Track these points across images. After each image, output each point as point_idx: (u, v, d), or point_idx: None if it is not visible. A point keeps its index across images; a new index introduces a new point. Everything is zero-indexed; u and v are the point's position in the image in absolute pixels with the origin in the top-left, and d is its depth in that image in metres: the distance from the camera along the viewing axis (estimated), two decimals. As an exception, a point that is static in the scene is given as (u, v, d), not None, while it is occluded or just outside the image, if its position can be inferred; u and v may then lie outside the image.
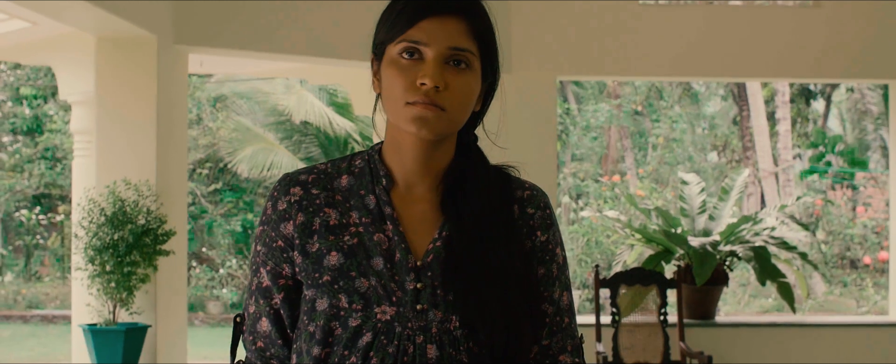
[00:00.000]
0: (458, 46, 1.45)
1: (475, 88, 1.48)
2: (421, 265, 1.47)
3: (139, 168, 5.17)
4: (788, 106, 14.28)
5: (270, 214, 1.53)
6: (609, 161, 16.01)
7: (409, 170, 1.51)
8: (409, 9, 1.46)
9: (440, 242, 1.49)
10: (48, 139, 13.60)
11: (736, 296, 12.54)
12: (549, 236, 1.56)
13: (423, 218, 1.51)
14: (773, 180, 13.78)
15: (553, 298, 1.55)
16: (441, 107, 1.43)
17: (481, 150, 1.57)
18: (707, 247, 6.18)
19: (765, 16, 6.59)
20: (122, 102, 5.25)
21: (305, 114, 11.97)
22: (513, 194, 1.55)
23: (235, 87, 12.84)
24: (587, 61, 6.58)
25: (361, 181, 1.52)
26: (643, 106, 15.84)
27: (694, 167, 15.47)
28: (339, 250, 1.48)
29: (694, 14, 6.60)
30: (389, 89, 1.45)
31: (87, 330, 5.00)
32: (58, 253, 14.50)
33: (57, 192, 14.10)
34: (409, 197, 1.52)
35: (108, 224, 4.95)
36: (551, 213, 1.58)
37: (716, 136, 16.77)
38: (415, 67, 1.44)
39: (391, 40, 1.46)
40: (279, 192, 1.53)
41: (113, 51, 5.27)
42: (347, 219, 1.50)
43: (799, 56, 6.58)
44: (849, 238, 12.76)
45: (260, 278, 1.55)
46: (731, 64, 6.69)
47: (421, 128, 1.43)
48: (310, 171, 1.54)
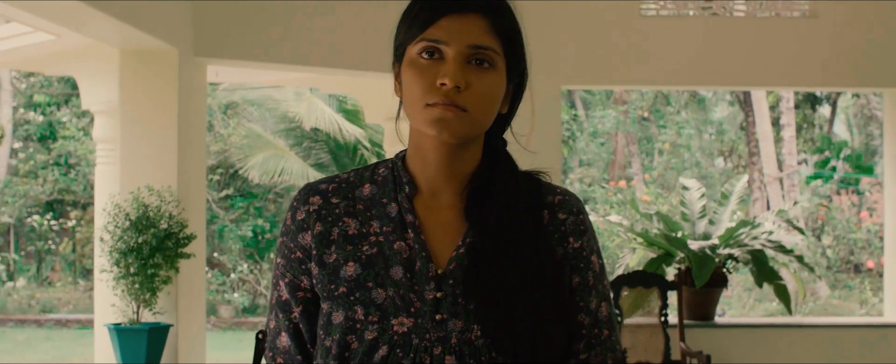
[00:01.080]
0: (479, 44, 1.41)
1: (499, 89, 1.44)
2: (442, 274, 1.43)
3: (161, 174, 5.48)
4: (793, 112, 14.55)
5: (289, 225, 1.51)
6: (616, 166, 16.29)
7: (433, 176, 1.47)
8: (428, 7, 1.42)
9: (463, 250, 1.44)
10: (62, 146, 13.93)
11: (741, 300, 12.81)
12: (584, 243, 1.50)
13: (446, 225, 1.46)
14: (778, 185, 14.04)
15: (589, 309, 1.48)
16: (462, 107, 1.39)
17: (510, 155, 1.52)
18: (706, 250, 6.46)
19: (766, 26, 6.88)
20: (144, 112, 5.56)
21: (315, 121, 12.28)
22: (542, 200, 1.50)
23: (246, 94, 13.17)
24: (591, 70, 6.87)
25: (384, 189, 1.49)
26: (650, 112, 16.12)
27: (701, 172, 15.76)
28: (356, 260, 1.44)
29: (697, 24, 6.88)
30: (409, 91, 1.42)
31: (112, 329, 5.31)
32: (69, 258, 14.82)
33: (70, 198, 14.43)
34: (434, 204, 1.48)
35: (132, 228, 5.26)
36: (585, 219, 1.52)
37: (722, 141, 17.03)
38: (435, 67, 1.40)
39: (410, 40, 1.43)
40: (299, 202, 1.50)
41: (136, 63, 5.58)
42: (368, 228, 1.46)
43: (798, 65, 6.86)
44: (853, 243, 13.02)
45: (279, 291, 1.52)
46: (733, 73, 6.97)
47: (441, 130, 1.39)
48: (331, 181, 1.52)
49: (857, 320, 8.16)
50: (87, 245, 15.13)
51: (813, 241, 13.23)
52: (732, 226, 6.72)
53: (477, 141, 1.47)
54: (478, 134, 1.45)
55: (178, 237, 5.35)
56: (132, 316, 5.34)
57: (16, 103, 15.13)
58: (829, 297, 12.91)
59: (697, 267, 6.38)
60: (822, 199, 13.79)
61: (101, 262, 5.43)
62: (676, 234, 6.77)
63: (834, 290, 12.97)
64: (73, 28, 5.26)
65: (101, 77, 6.18)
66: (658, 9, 6.92)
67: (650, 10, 6.90)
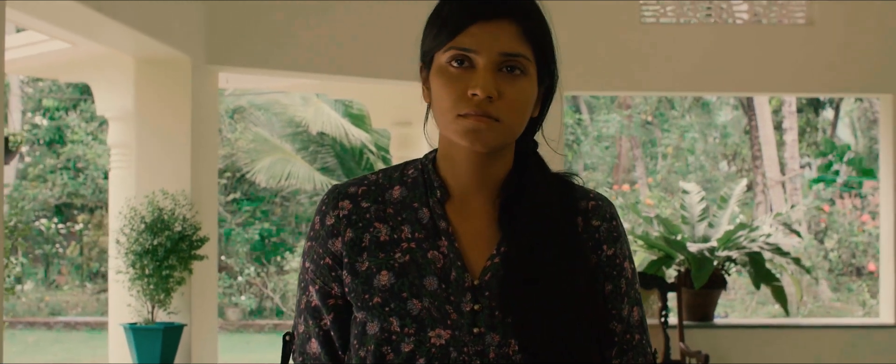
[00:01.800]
0: (510, 52, 1.39)
1: (531, 95, 1.42)
2: (478, 284, 1.41)
3: (175, 179, 5.70)
4: (795, 116, 14.75)
5: (318, 230, 1.48)
6: (620, 170, 16.49)
7: (464, 182, 1.45)
8: (457, 14, 1.40)
9: (498, 259, 1.42)
10: (71, 150, 14.17)
11: (744, 302, 13.01)
12: (617, 249, 1.49)
13: (479, 233, 1.44)
14: (781, 189, 14.24)
15: (622, 316, 1.49)
16: (495, 118, 1.37)
17: (541, 159, 1.50)
18: (704, 252, 6.67)
19: (764, 33, 7.08)
20: (159, 118, 5.78)
21: (322, 125, 12.51)
22: (576, 205, 1.48)
23: (253, 99, 13.40)
24: (593, 76, 7.08)
25: (415, 192, 1.47)
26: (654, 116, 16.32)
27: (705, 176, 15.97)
28: (389, 269, 1.42)
29: (696, 31, 7.08)
30: (439, 100, 1.40)
31: (128, 329, 5.53)
32: (76, 262, 15.06)
33: (78, 202, 14.66)
34: (465, 211, 1.46)
35: (147, 231, 5.48)
36: (618, 225, 1.51)
37: (726, 145, 17.23)
38: (465, 76, 1.38)
39: (439, 48, 1.41)
40: (327, 205, 1.48)
41: (151, 71, 5.80)
42: (399, 234, 1.44)
43: (795, 71, 7.06)
44: (855, 246, 13.21)
45: (309, 297, 1.50)
46: (731, 79, 7.17)
47: (474, 141, 1.38)
48: (360, 183, 1.50)
49: (853, 321, 8.37)
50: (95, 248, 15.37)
51: (815, 245, 13.43)
52: (731, 229, 6.93)
53: (508, 146, 1.46)
54: (511, 142, 1.44)
55: (192, 239, 5.57)
56: (147, 316, 5.56)
57: (24, 108, 15.38)
58: (832, 300, 13.10)
59: (696, 269, 6.59)
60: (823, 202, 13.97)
61: (118, 264, 5.65)
62: (676, 236, 6.98)
63: (836, 293, 13.16)
64: (90, 37, 5.48)
65: (116, 84, 6.40)
66: (658, 16, 7.13)
67: (650, 18, 7.11)
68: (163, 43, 5.51)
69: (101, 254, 15.43)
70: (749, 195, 15.27)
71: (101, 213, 15.28)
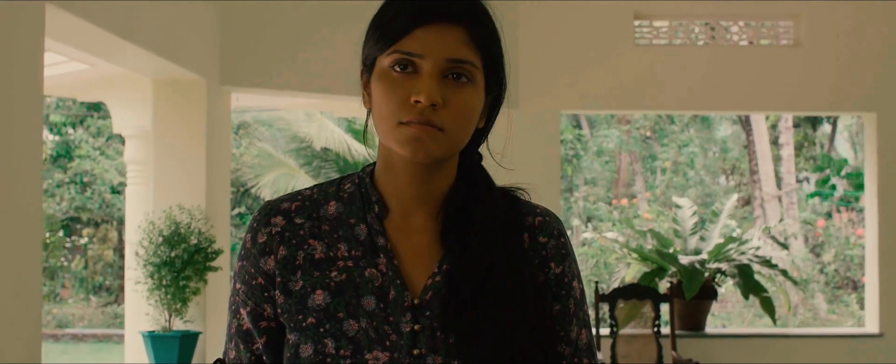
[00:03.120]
0: (457, 58, 1.32)
1: (477, 104, 1.36)
2: (418, 304, 1.35)
3: (191, 194, 6.09)
4: (791, 132, 15.15)
5: (249, 248, 1.41)
6: (620, 185, 16.88)
7: (405, 196, 1.39)
8: (402, 16, 1.33)
9: (440, 277, 1.36)
10: (78, 165, 14.56)
11: (741, 315, 13.37)
12: (565, 268, 1.44)
13: (420, 250, 1.39)
14: (777, 203, 14.62)
15: (570, 338, 1.44)
16: (439, 127, 1.31)
17: (486, 172, 1.45)
18: (695, 265, 7.05)
19: (752, 54, 7.48)
20: (175, 137, 6.17)
21: (325, 140, 12.90)
22: (523, 221, 1.43)
23: (258, 115, 13.80)
24: (589, 96, 7.47)
25: (351, 208, 1.41)
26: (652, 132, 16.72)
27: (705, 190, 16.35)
28: (324, 288, 1.36)
29: (687, 52, 7.47)
30: (379, 106, 1.34)
31: (147, 336, 5.91)
32: (80, 275, 15.43)
33: (86, 216, 15.05)
34: (405, 226, 1.40)
35: (165, 244, 5.87)
36: (567, 242, 1.46)
37: (725, 160, 17.61)
38: (408, 82, 1.32)
39: (381, 51, 1.34)
40: (259, 222, 1.41)
41: (168, 92, 6.20)
42: (335, 251, 1.38)
43: (781, 90, 7.45)
44: (849, 259, 13.58)
45: (240, 320, 1.43)
46: (721, 99, 7.57)
47: (416, 151, 1.31)
48: (293, 198, 1.43)
49: (840, 330, 8.76)
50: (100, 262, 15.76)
51: (812, 258, 13.81)
52: (721, 242, 7.31)
53: (452, 158, 1.40)
54: (455, 153, 1.39)
55: (207, 252, 5.95)
56: (165, 324, 5.94)
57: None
58: (828, 313, 13.46)
59: (687, 280, 6.97)
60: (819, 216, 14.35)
61: (137, 275, 6.03)
62: (668, 249, 7.36)
63: (831, 305, 13.53)
64: (110, 60, 5.87)
65: (132, 103, 6.80)
66: (651, 38, 7.53)
67: (643, 40, 7.51)
68: (179, 65, 5.89)
69: (106, 267, 15.81)
70: (747, 210, 15.66)
71: (107, 227, 15.68)
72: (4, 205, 3.88)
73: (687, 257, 7.18)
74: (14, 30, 3.98)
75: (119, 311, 14.24)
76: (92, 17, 4.66)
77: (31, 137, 4.15)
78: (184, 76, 6.09)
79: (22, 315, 4.05)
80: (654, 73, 7.41)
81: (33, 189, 4.15)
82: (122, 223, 15.23)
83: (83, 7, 4.57)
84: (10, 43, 3.95)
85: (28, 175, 4.10)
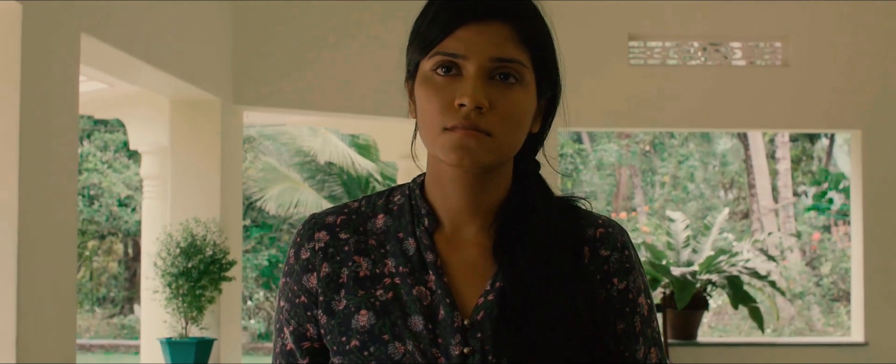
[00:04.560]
0: (503, 57, 1.26)
1: (528, 106, 1.30)
2: (469, 324, 1.28)
3: (206, 208, 6.51)
4: (788, 146, 15.58)
5: (293, 264, 1.37)
6: (620, 198, 17.30)
7: (455, 208, 1.33)
8: (443, 15, 1.28)
9: (492, 296, 1.29)
10: (86, 178, 14.99)
11: (739, 327, 13.78)
12: (629, 283, 1.35)
13: (472, 266, 1.32)
14: (774, 217, 15.05)
15: (636, 358, 1.35)
16: (486, 131, 1.25)
17: (544, 181, 1.38)
18: (687, 276, 7.47)
19: (742, 73, 7.92)
20: (191, 154, 6.60)
21: (329, 155, 13.34)
22: (582, 234, 1.35)
23: (263, 129, 14.23)
24: (586, 114, 7.90)
25: (400, 221, 1.35)
26: (652, 146, 17.15)
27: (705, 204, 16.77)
28: (369, 308, 1.30)
29: (679, 72, 7.91)
30: (424, 113, 1.28)
31: (165, 343, 6.33)
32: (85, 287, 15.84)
33: (92, 229, 15.46)
34: (457, 240, 1.33)
35: (182, 255, 6.29)
36: (632, 255, 1.37)
37: (724, 173, 18.04)
38: (452, 85, 1.26)
39: (424, 54, 1.29)
40: (303, 237, 1.37)
41: (184, 110, 6.63)
42: (382, 268, 1.32)
43: (771, 109, 7.88)
44: (845, 272, 13.99)
45: (284, 339, 1.38)
46: (713, 117, 8.00)
47: (462, 158, 1.25)
48: (339, 212, 1.38)
49: (827, 339, 9.18)
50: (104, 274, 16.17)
51: (808, 270, 14.23)
52: (712, 254, 7.73)
53: (505, 166, 1.33)
54: (505, 160, 1.32)
55: (221, 262, 6.37)
56: (181, 331, 6.36)
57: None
58: (825, 325, 13.87)
59: (679, 291, 7.38)
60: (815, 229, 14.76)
61: (154, 284, 6.45)
62: (661, 261, 7.78)
63: (828, 317, 13.94)
64: (132, 81, 6.30)
65: (149, 121, 7.24)
66: (645, 58, 7.97)
67: (638, 60, 7.95)
68: (195, 86, 6.32)
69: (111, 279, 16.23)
70: (745, 223, 16.08)
71: (112, 239, 16.10)
72: (44, 217, 4.30)
73: (679, 269, 7.59)
74: (52, 56, 4.41)
75: (126, 322, 14.66)
76: (120, 44, 5.10)
77: (68, 153, 4.58)
78: (200, 96, 6.52)
79: (58, 321, 4.47)
80: (649, 92, 7.84)
81: (69, 203, 4.57)
82: (128, 235, 15.66)
83: (113, 34, 5.01)
84: (49, 68, 4.38)
85: (65, 190, 4.53)
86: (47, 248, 4.35)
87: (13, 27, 4.04)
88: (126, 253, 16.19)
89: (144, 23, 5.49)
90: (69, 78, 4.58)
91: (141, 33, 5.45)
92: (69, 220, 4.55)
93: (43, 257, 4.29)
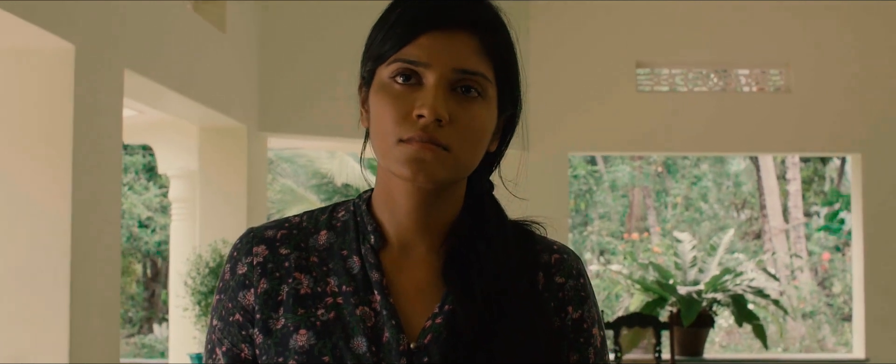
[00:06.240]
0: (467, 69, 1.22)
1: (489, 123, 1.26)
2: (415, 348, 1.24)
3: (234, 230, 6.95)
4: (798, 167, 15.99)
5: (228, 280, 1.31)
6: (633, 219, 17.71)
7: (404, 226, 1.28)
8: (405, 21, 1.23)
9: (441, 319, 1.25)
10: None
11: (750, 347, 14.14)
12: (584, 312, 1.31)
13: (420, 287, 1.28)
14: (784, 237, 15.44)
15: None
16: (444, 146, 1.21)
17: (498, 203, 1.34)
18: (692, 294, 7.88)
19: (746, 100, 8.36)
20: (219, 178, 7.06)
21: (346, 177, 13.80)
22: (537, 258, 1.31)
23: (281, 151, 14.71)
24: (595, 139, 8.35)
25: (344, 238, 1.30)
26: (664, 167, 17.58)
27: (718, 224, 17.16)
28: (309, 328, 1.25)
29: (687, 99, 8.35)
30: (378, 122, 1.23)
31: (194, 357, 6.78)
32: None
33: (112, 249, 15.94)
34: (404, 260, 1.29)
35: (211, 274, 6.74)
36: (586, 283, 1.33)
37: (736, 194, 18.44)
38: (411, 95, 1.21)
39: (382, 61, 1.24)
40: (240, 251, 1.31)
41: (213, 137, 7.10)
42: (324, 286, 1.27)
43: (768, 133, 8.32)
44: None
45: (216, 361, 1.31)
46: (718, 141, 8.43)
47: (417, 172, 1.20)
48: (279, 226, 1.33)
49: (828, 356, 9.57)
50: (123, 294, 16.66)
51: (818, 290, 14.60)
52: (718, 273, 8.14)
53: (459, 184, 1.29)
54: (461, 178, 1.28)
55: (248, 281, 6.82)
56: (210, 346, 6.81)
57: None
58: (836, 345, 14.22)
59: (685, 309, 7.80)
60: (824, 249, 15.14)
61: (184, 302, 6.90)
62: (668, 280, 8.20)
63: (840, 336, 14.30)
64: (165, 111, 6.77)
65: (177, 146, 7.70)
66: (652, 84, 8.42)
67: (645, 86, 8.40)
68: (223, 114, 6.79)
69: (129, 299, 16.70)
70: (758, 243, 16.46)
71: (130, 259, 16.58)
72: (90, 239, 4.75)
73: (685, 288, 8.01)
74: (100, 90, 4.88)
75: (146, 342, 15.10)
76: (158, 78, 5.58)
77: (112, 179, 5.04)
78: (227, 123, 6.99)
79: (103, 337, 4.92)
80: (656, 118, 8.28)
81: (113, 223, 5.04)
82: (147, 256, 16.14)
83: (152, 69, 5.49)
84: (96, 101, 4.84)
85: (110, 212, 4.99)
86: (92, 268, 4.80)
87: (67, 65, 4.51)
88: (145, 274, 16.66)
89: (179, 57, 5.97)
90: (114, 109, 5.05)
91: (176, 67, 5.92)
92: (112, 242, 5.01)
93: (91, 274, 4.75)
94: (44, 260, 4.45)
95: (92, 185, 4.75)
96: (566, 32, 8.21)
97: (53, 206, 4.46)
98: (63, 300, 4.46)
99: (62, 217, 4.48)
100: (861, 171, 8.24)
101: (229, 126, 7.05)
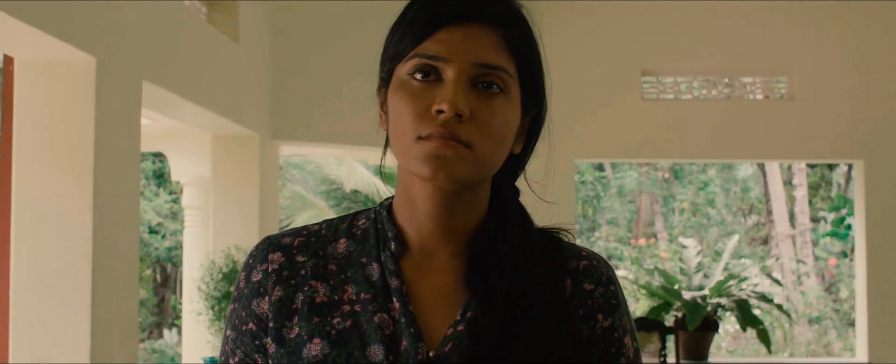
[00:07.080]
0: (488, 63, 1.19)
1: (512, 120, 1.23)
2: (435, 357, 1.20)
3: (247, 236, 7.14)
4: (804, 173, 16.14)
5: (242, 289, 1.29)
6: (640, 224, 17.86)
7: (425, 230, 1.25)
8: (423, 16, 1.20)
9: (462, 327, 1.21)
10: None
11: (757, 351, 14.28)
12: (615, 321, 1.27)
13: (441, 294, 1.24)
14: (791, 242, 15.58)
15: None
16: (465, 142, 1.17)
17: (523, 208, 1.30)
18: (697, 299, 8.04)
19: (750, 107, 8.52)
20: (232, 185, 7.24)
21: (355, 183, 13.98)
22: (565, 265, 1.27)
23: (290, 158, 14.90)
24: (602, 146, 8.51)
25: (364, 246, 1.28)
26: (670, 173, 17.74)
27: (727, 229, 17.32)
28: (323, 336, 1.21)
29: (692, 107, 8.52)
30: (397, 120, 1.20)
31: (208, 361, 6.95)
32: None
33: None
34: (426, 266, 1.26)
35: (224, 280, 6.91)
36: (617, 290, 1.30)
37: (743, 199, 18.59)
38: (430, 91, 1.18)
39: (400, 58, 1.21)
40: (255, 259, 1.29)
41: (226, 145, 7.28)
42: (340, 294, 1.24)
43: (772, 140, 8.48)
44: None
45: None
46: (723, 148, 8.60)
47: (437, 171, 1.16)
48: (297, 234, 1.31)
49: (831, 360, 9.73)
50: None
51: (824, 295, 14.74)
52: (722, 278, 8.30)
53: (482, 187, 1.26)
54: (484, 178, 1.24)
55: (260, 286, 7.00)
56: (223, 350, 6.99)
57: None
58: (842, 350, 14.36)
59: (690, 314, 7.95)
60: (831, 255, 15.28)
61: (198, 307, 7.08)
62: (673, 286, 8.36)
63: (845, 341, 14.44)
64: (180, 119, 6.95)
65: (190, 154, 7.89)
66: (657, 92, 8.59)
67: (650, 94, 8.56)
68: (236, 123, 6.97)
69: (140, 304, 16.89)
70: (765, 248, 16.60)
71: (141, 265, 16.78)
72: (110, 246, 4.93)
73: (690, 293, 8.16)
74: (119, 101, 5.06)
75: (156, 346, 15.27)
76: (175, 88, 5.76)
77: (131, 186, 5.22)
78: (240, 132, 7.17)
79: (122, 340, 5.10)
80: (662, 126, 8.44)
81: (131, 233, 5.22)
82: (157, 262, 16.33)
83: (169, 80, 5.67)
84: (116, 111, 5.03)
85: (128, 221, 5.17)
86: (110, 277, 4.98)
87: (89, 76, 4.70)
88: (155, 279, 16.84)
89: (194, 68, 6.15)
90: (132, 119, 5.24)
91: (192, 78, 6.11)
92: (130, 251, 5.19)
93: (112, 279, 4.93)
94: (66, 266, 4.64)
95: (112, 192, 4.93)
96: (572, 41, 8.39)
97: (76, 213, 4.65)
98: (85, 304, 4.64)
99: (84, 224, 4.66)
100: (864, 177, 8.39)
101: (242, 134, 7.23)
